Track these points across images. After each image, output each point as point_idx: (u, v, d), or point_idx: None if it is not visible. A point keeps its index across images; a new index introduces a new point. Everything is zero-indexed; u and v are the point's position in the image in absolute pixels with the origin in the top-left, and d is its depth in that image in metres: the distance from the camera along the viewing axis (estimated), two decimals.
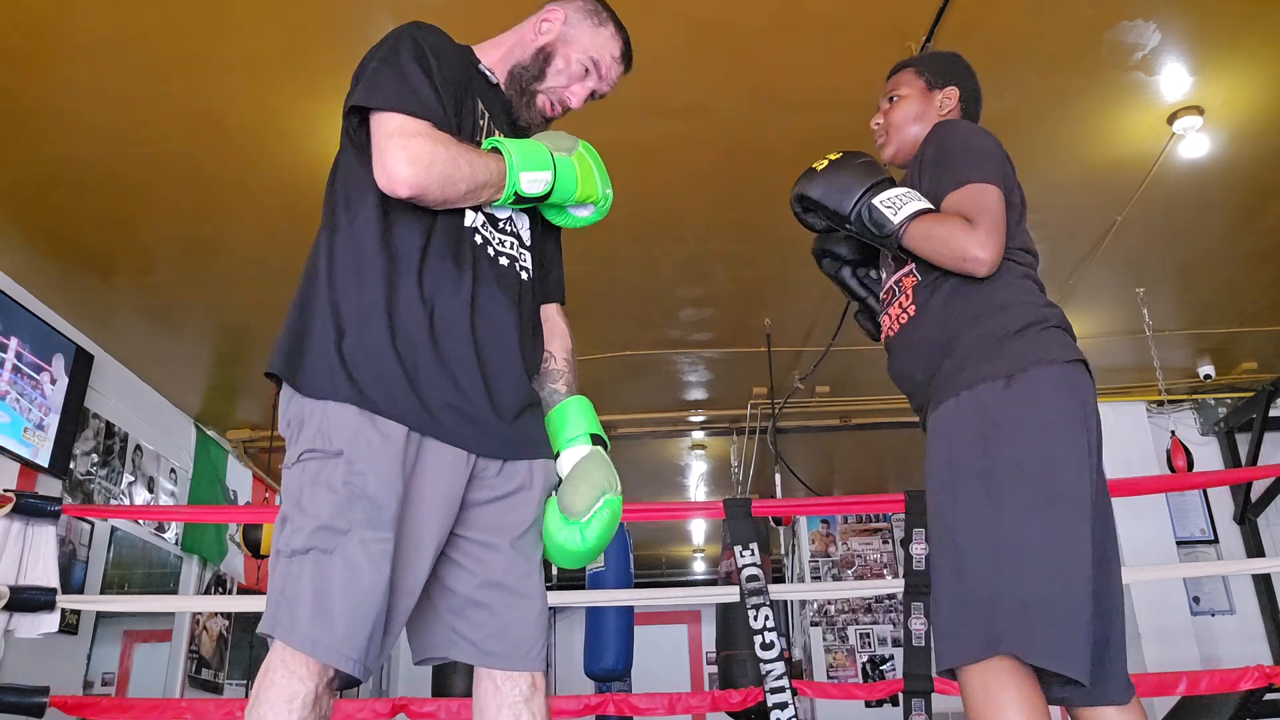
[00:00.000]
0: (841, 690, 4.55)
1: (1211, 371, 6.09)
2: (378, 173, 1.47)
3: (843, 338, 5.28)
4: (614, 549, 5.11)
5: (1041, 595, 1.54)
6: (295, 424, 1.47)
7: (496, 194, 1.56)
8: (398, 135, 1.47)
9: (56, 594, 3.38)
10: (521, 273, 1.65)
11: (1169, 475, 5.40)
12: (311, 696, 1.35)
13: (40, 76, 3.30)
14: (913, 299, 1.86)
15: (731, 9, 3.14)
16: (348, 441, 1.41)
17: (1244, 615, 5.99)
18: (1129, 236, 4.49)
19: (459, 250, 1.55)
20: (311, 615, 1.35)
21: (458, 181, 1.49)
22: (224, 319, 5.14)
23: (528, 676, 1.53)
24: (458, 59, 1.66)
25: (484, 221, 1.61)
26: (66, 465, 4.77)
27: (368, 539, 1.37)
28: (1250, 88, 3.58)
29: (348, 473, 1.40)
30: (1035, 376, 1.67)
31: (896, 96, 2.09)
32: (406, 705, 3.50)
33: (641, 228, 4.39)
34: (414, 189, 1.46)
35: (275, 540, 1.44)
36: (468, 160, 1.51)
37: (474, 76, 1.70)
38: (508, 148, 1.56)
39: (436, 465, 1.46)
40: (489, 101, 1.70)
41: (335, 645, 1.34)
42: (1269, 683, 3.25)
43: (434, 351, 1.48)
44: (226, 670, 6.49)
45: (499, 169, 1.54)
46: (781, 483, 5.89)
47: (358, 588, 1.36)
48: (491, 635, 1.52)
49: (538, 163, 1.57)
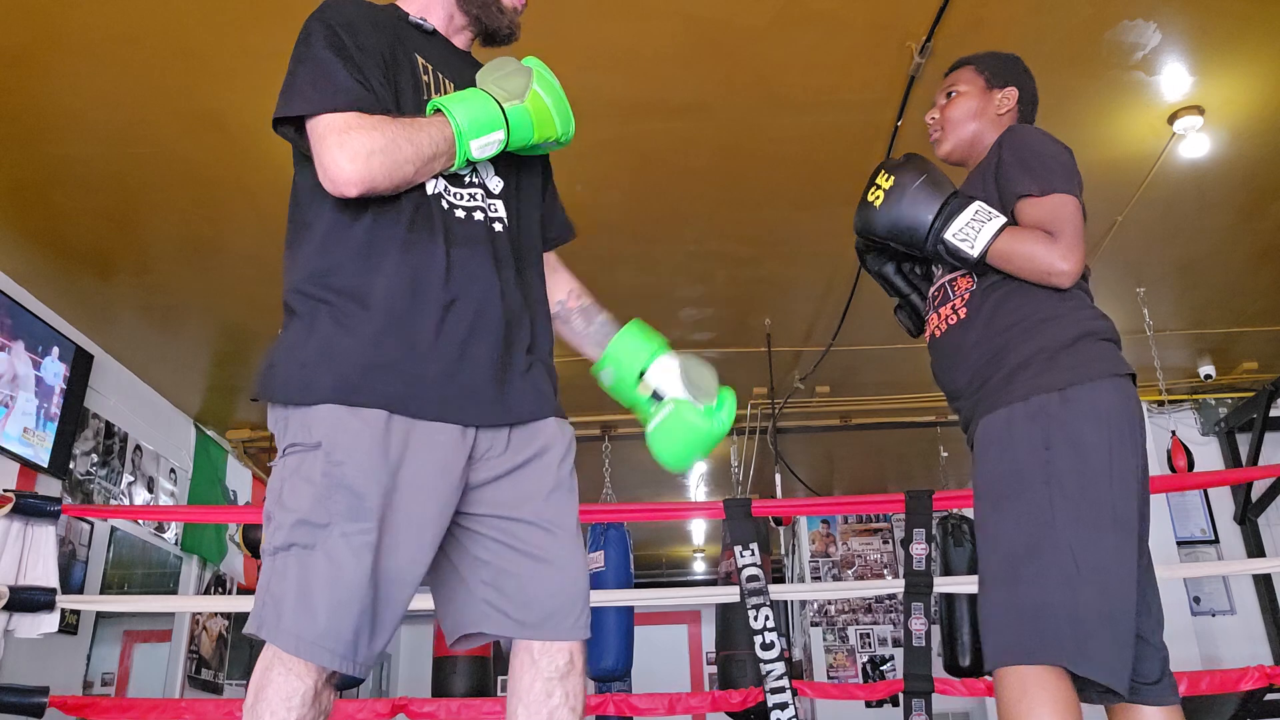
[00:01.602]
0: (841, 690, 4.56)
1: (1212, 371, 6.09)
2: (322, 180, 1.42)
3: (843, 338, 5.29)
4: (614, 549, 5.11)
5: (1094, 611, 1.58)
6: (280, 421, 1.45)
7: (449, 162, 1.48)
8: (329, 136, 1.40)
9: (56, 594, 3.38)
10: (495, 225, 1.57)
11: (1169, 475, 5.40)
12: (310, 694, 1.33)
13: (40, 76, 3.29)
14: (966, 302, 1.86)
15: (731, 9, 3.14)
16: (326, 433, 1.38)
17: (1244, 615, 6.00)
18: (1129, 236, 4.49)
19: (425, 221, 1.48)
20: (294, 612, 1.33)
21: (403, 164, 1.42)
22: (224, 319, 5.14)
23: (566, 651, 1.49)
24: (379, 22, 1.56)
25: (445, 184, 1.53)
26: (66, 465, 4.77)
27: (349, 531, 1.35)
28: (1250, 88, 3.58)
29: (326, 463, 1.37)
30: (1090, 391, 1.69)
31: (955, 92, 2.05)
32: (406, 705, 3.49)
33: (641, 228, 4.39)
34: (361, 185, 1.40)
35: (263, 538, 1.43)
36: (408, 139, 1.42)
37: (405, 32, 1.60)
38: (454, 113, 1.45)
39: (428, 446, 1.42)
40: (429, 54, 1.61)
41: (317, 640, 1.32)
42: (1269, 683, 3.25)
43: (411, 329, 1.43)
44: (226, 670, 6.49)
45: (445, 137, 1.45)
46: (781, 483, 5.89)
47: (340, 581, 1.33)
48: (523, 605, 1.48)
49: (487, 124, 1.47)
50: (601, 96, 3.44)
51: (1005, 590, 1.66)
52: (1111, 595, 1.60)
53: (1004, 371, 1.76)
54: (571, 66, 3.30)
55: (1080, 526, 1.62)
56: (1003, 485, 1.71)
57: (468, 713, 3.46)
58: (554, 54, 1.65)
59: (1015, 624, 1.62)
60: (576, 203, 1.82)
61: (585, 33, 3.19)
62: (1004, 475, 1.71)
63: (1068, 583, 1.60)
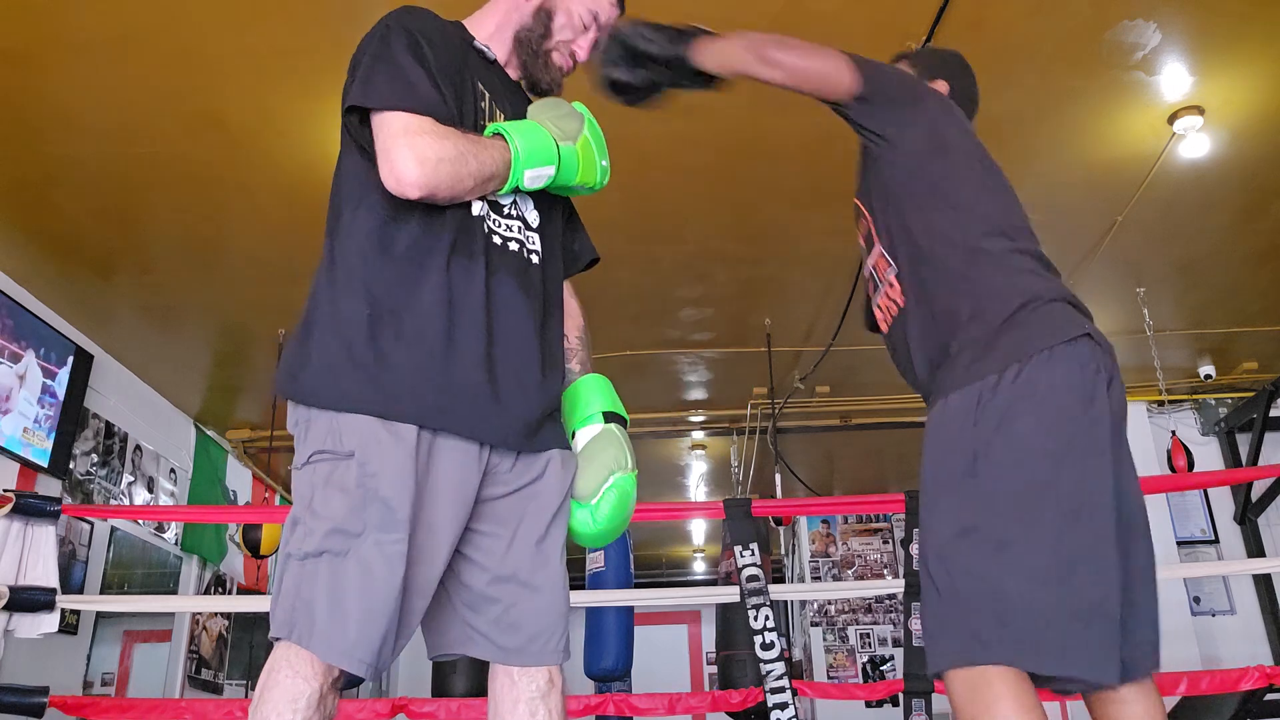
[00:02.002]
0: (841, 690, 4.56)
1: (1212, 371, 6.09)
2: (385, 175, 1.44)
3: (843, 338, 5.29)
4: (614, 549, 5.10)
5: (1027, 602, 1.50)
6: (303, 423, 1.45)
7: (501, 185, 1.51)
8: (402, 135, 1.43)
9: (56, 594, 3.39)
10: (531, 257, 1.60)
11: (1169, 475, 5.40)
12: (316, 696, 1.33)
13: (40, 76, 3.29)
14: (899, 290, 1.80)
15: (732, 9, 3.13)
16: (360, 443, 1.39)
17: (1244, 615, 6.00)
18: (1129, 236, 4.49)
19: (469, 242, 1.50)
20: (327, 618, 1.34)
21: (465, 178, 1.45)
22: (224, 319, 5.13)
23: (545, 672, 1.51)
24: (451, 41, 1.61)
25: (488, 209, 1.55)
26: (66, 465, 4.77)
27: (383, 540, 1.36)
28: (1250, 88, 3.58)
29: (361, 474, 1.37)
30: (1032, 369, 1.57)
31: None
32: (406, 705, 3.50)
33: (641, 228, 4.39)
34: (423, 190, 1.43)
35: (285, 543, 1.42)
36: (474, 155, 1.46)
37: (470, 56, 1.64)
38: (514, 139, 1.51)
39: (449, 461, 1.44)
40: (488, 81, 1.65)
41: (348, 649, 1.33)
42: (1269, 683, 3.25)
43: (446, 346, 1.44)
44: (226, 670, 6.49)
45: (504, 160, 1.50)
46: (781, 483, 5.89)
47: (371, 590, 1.34)
48: (506, 630, 1.50)
49: (542, 157, 1.52)
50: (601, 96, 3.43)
51: (935, 591, 1.59)
52: (1047, 582, 1.49)
53: (949, 359, 1.69)
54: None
55: (1011, 517, 1.53)
56: (936, 481, 1.64)
57: (468, 713, 3.46)
58: None
59: (948, 623, 1.56)
60: (576, 202, 1.82)
61: None
62: (938, 471, 1.64)
63: (990, 577, 1.52)
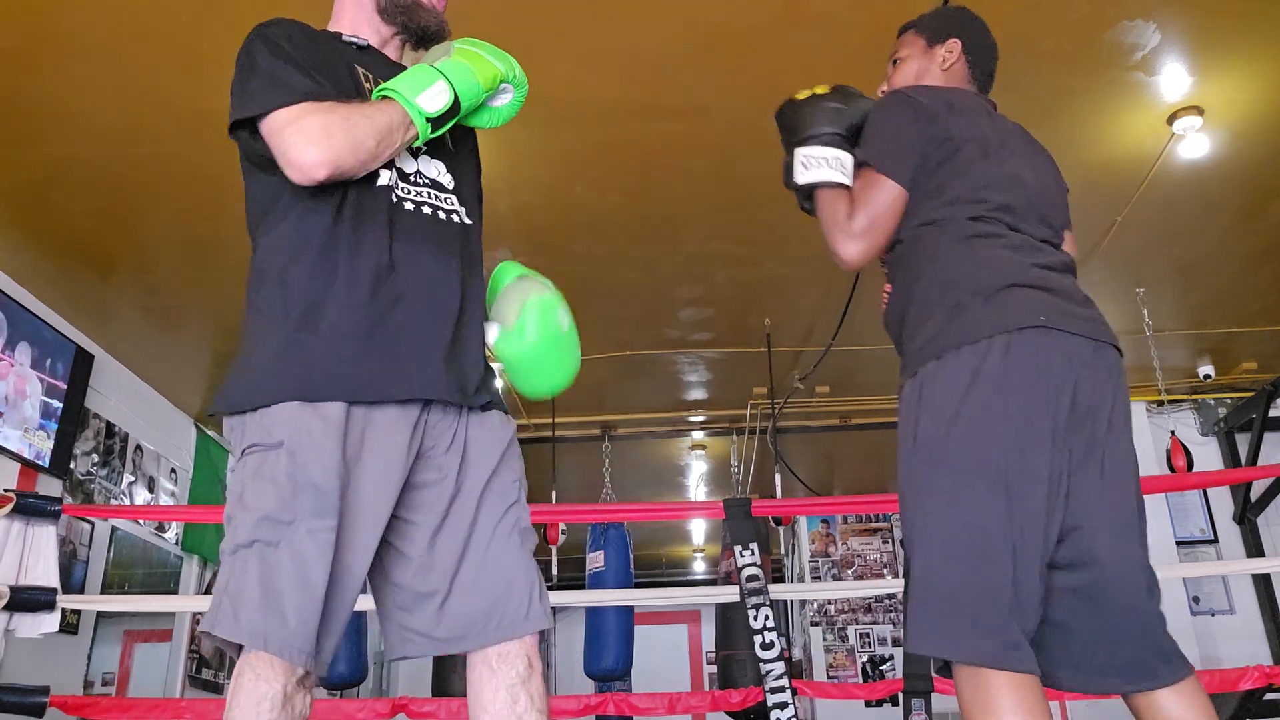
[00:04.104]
0: (841, 690, 4.56)
1: (1211, 371, 6.09)
2: (288, 170, 1.43)
3: (843, 338, 5.28)
4: (614, 549, 5.10)
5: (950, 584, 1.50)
6: (237, 429, 1.46)
7: (410, 132, 1.49)
8: (288, 126, 1.43)
9: (57, 594, 3.39)
10: (451, 217, 1.60)
11: (1169, 475, 5.40)
12: (280, 697, 1.32)
13: (40, 76, 3.29)
14: (889, 275, 1.82)
15: (732, 9, 3.14)
16: (288, 432, 1.38)
17: (1244, 615, 6.00)
18: (1129, 236, 4.49)
19: (376, 213, 1.50)
20: (260, 609, 1.32)
21: (364, 140, 1.44)
22: (224, 319, 5.13)
23: (524, 656, 1.48)
24: (317, 37, 1.62)
25: (395, 178, 1.55)
26: (67, 465, 4.77)
27: (316, 528, 1.34)
28: (1250, 88, 3.58)
29: (290, 464, 1.37)
30: (970, 354, 1.57)
31: (898, 59, 2.03)
32: (406, 705, 3.50)
33: (641, 228, 4.38)
34: (328, 166, 1.41)
35: (222, 542, 1.41)
36: (361, 115, 1.45)
37: (340, 49, 1.65)
38: (390, 85, 1.50)
39: (382, 439, 1.43)
40: (365, 64, 1.65)
41: (288, 639, 1.31)
42: (1269, 683, 3.25)
43: (363, 317, 1.44)
44: (227, 670, 6.48)
45: (395, 108, 1.48)
46: (781, 483, 5.89)
47: (307, 579, 1.33)
48: (441, 623, 1.47)
49: (425, 80, 1.50)
50: (602, 97, 3.44)
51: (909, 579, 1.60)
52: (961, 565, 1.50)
53: (910, 345, 1.72)
54: (571, 67, 3.32)
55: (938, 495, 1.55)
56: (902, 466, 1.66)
57: (468, 713, 3.46)
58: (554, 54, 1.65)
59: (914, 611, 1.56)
60: (576, 203, 1.83)
61: (585, 34, 3.19)
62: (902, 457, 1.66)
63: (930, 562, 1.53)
